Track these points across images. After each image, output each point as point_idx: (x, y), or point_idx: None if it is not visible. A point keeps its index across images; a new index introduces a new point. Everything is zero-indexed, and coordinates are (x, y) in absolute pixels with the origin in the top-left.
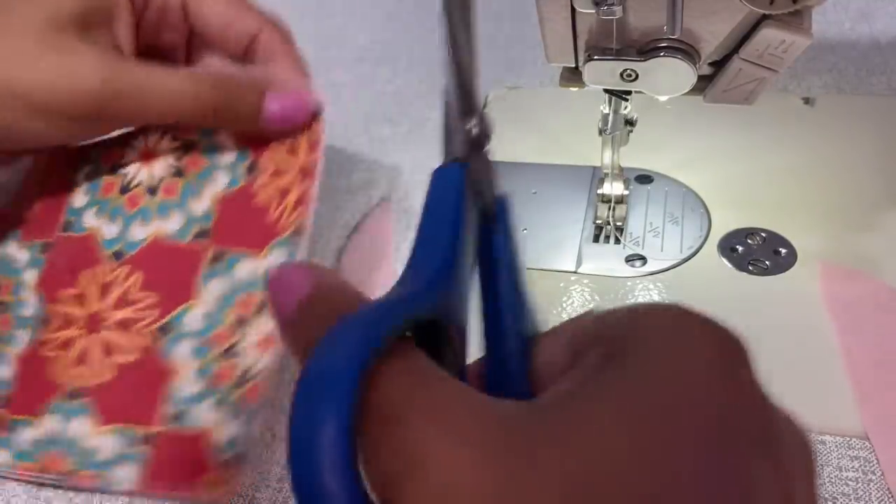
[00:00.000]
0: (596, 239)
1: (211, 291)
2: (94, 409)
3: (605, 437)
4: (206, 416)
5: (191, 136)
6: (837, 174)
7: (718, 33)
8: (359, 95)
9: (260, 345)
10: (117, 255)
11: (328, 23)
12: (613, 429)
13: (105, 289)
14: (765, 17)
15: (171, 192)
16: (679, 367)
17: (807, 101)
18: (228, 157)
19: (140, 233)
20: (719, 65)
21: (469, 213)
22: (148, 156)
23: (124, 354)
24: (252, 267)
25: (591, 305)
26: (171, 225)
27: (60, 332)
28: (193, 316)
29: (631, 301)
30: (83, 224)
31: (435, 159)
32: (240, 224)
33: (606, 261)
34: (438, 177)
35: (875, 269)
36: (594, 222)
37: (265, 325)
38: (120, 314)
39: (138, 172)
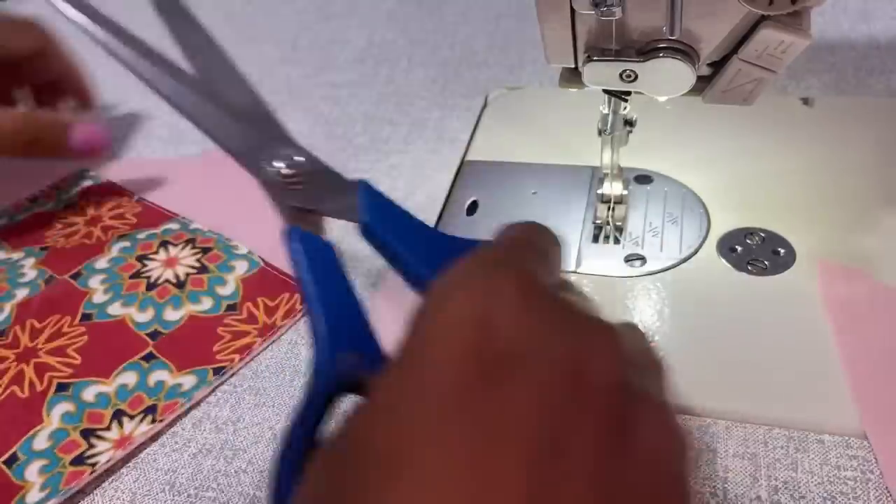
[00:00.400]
0: (595, 239)
1: (93, 283)
2: (89, 380)
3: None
4: (175, 314)
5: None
6: (836, 174)
7: (717, 34)
8: (359, 95)
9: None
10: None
11: (328, 23)
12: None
13: (11, 345)
14: (764, 17)
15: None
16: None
17: (806, 101)
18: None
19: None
20: (718, 65)
21: (331, 265)
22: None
23: (75, 344)
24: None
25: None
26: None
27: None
28: (97, 297)
29: (630, 301)
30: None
31: (435, 159)
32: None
33: (606, 260)
34: (291, 246)
35: (874, 268)
36: (594, 222)
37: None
38: (43, 337)
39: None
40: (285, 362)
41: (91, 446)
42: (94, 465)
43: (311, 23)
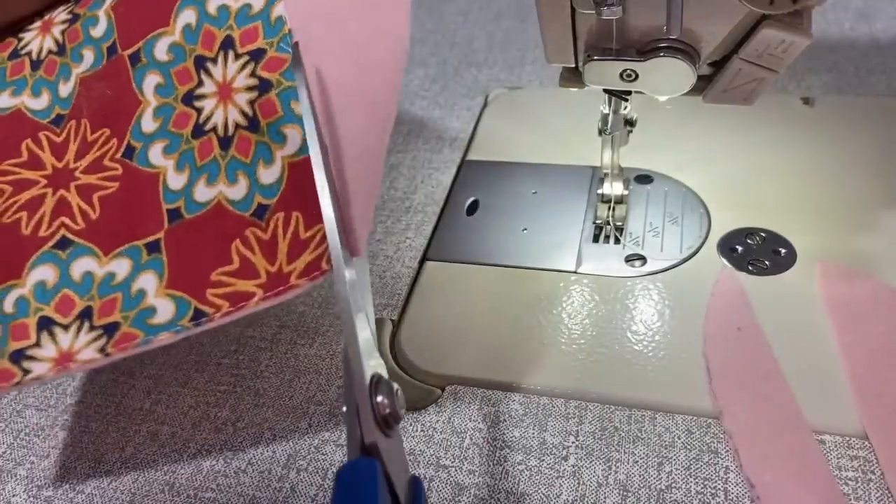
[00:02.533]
0: (596, 239)
1: (147, 88)
2: (91, 248)
3: None
4: (206, 193)
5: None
6: (837, 174)
7: (718, 33)
8: None
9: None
10: (57, 121)
11: None
12: None
13: (59, 148)
14: (764, 17)
15: (74, 38)
16: None
17: (806, 101)
18: None
19: (66, 88)
20: (719, 65)
21: None
22: (45, 26)
23: (103, 190)
24: (167, 41)
25: (591, 305)
26: (86, 63)
27: (19, 196)
28: (146, 120)
29: (631, 301)
30: (1, 106)
31: (435, 159)
32: (137, 15)
33: (606, 261)
34: (347, 477)
35: (874, 268)
36: (594, 222)
37: (213, 78)
38: (85, 161)
39: (43, 42)
40: (285, 362)
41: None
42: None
43: (312, 23)
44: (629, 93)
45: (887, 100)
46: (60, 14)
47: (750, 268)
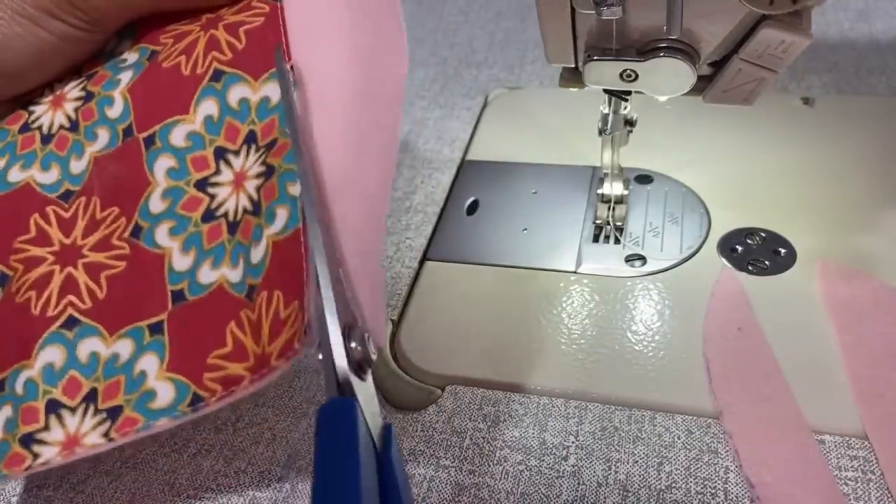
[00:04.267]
0: (596, 239)
1: (158, 170)
2: (97, 328)
3: None
4: (209, 275)
5: (93, 67)
6: (837, 174)
7: (718, 34)
8: None
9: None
10: (65, 196)
11: None
12: None
13: (67, 224)
14: (764, 17)
15: (89, 116)
16: None
17: (806, 101)
18: (130, 58)
19: (79, 166)
20: (719, 65)
21: (365, 454)
22: (56, 101)
23: (110, 269)
24: (185, 129)
25: (591, 305)
26: (101, 142)
27: (29, 274)
28: (154, 201)
29: (631, 301)
30: (8, 181)
31: (435, 159)
32: (155, 100)
33: (606, 261)
34: (328, 415)
35: (874, 268)
36: (594, 222)
37: (232, 168)
38: (93, 238)
39: (54, 117)
40: None
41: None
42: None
43: None
44: (629, 93)
45: (887, 99)
46: (73, 90)
47: (750, 268)
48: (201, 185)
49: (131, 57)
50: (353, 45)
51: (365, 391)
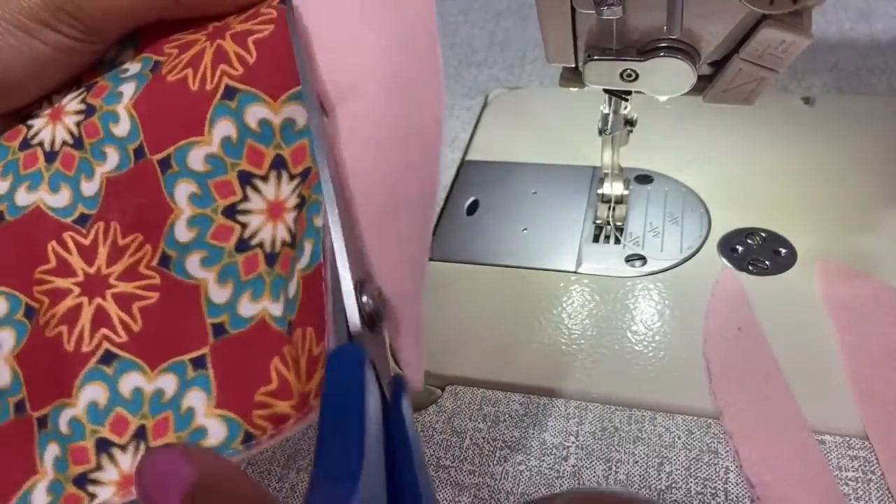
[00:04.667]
0: (596, 239)
1: (180, 196)
2: (137, 362)
3: None
4: (250, 308)
5: (92, 77)
6: (837, 174)
7: (718, 33)
8: None
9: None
10: (81, 220)
11: None
12: None
13: (88, 251)
14: (765, 17)
15: (94, 133)
16: None
17: (807, 100)
18: (132, 68)
19: (91, 187)
20: (719, 65)
21: (371, 401)
22: (55, 114)
23: (143, 300)
24: (203, 151)
25: (591, 305)
26: (111, 162)
27: (56, 308)
28: (180, 229)
29: (631, 301)
30: (17, 204)
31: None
32: (164, 118)
33: (606, 261)
34: (336, 361)
35: (875, 268)
36: (594, 222)
37: (262, 195)
38: (118, 267)
39: (55, 132)
40: None
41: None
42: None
43: None
44: (629, 93)
45: (888, 99)
46: (71, 102)
47: (750, 268)
48: (229, 212)
49: (133, 67)
50: (386, 73)
51: (377, 345)
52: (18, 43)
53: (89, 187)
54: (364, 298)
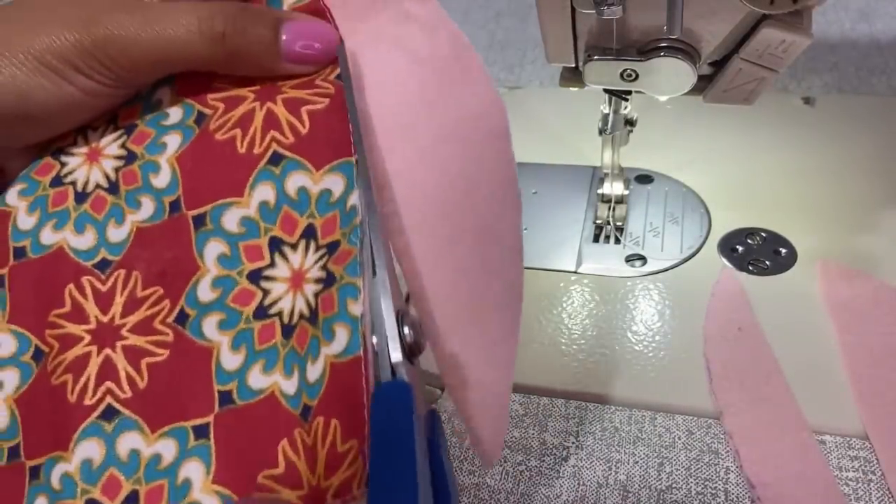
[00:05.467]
0: (596, 239)
1: (209, 255)
2: (137, 422)
3: None
4: (261, 380)
5: (130, 119)
6: (837, 174)
7: (718, 33)
8: None
9: (290, 281)
10: (102, 265)
11: None
12: None
13: (104, 299)
14: (765, 17)
15: (132, 180)
16: None
17: (807, 100)
18: (173, 115)
19: (119, 234)
20: (719, 65)
21: (419, 437)
22: (92, 155)
23: (152, 357)
24: (239, 213)
25: (591, 305)
26: (144, 212)
27: (65, 354)
28: (203, 288)
29: (631, 301)
30: (41, 243)
31: None
32: (206, 175)
33: (606, 261)
34: (382, 399)
35: (875, 268)
36: (594, 222)
37: (289, 263)
38: (133, 318)
39: (90, 173)
40: None
41: None
42: None
43: None
44: (629, 92)
45: (888, 99)
46: (111, 145)
47: (750, 268)
48: (254, 276)
49: (174, 114)
50: (444, 167)
51: (414, 377)
52: (47, 82)
53: (117, 233)
54: (405, 330)
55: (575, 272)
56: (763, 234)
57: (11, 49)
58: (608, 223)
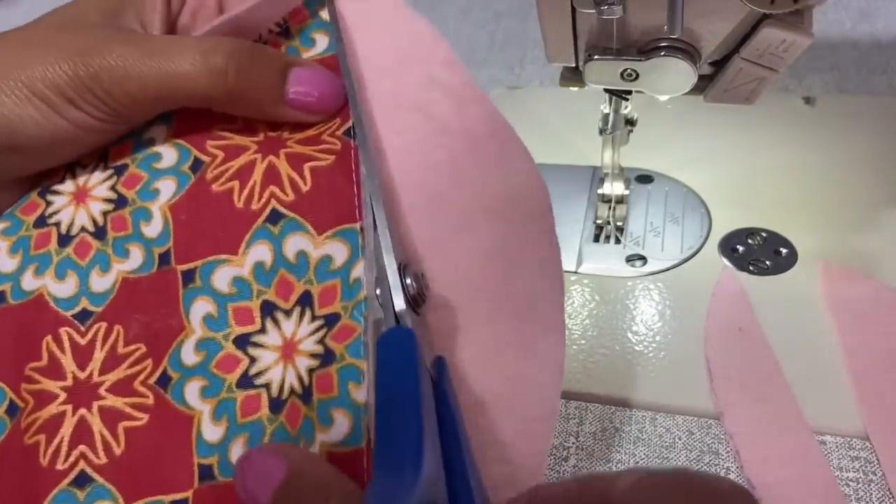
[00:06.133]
0: (596, 239)
1: (195, 314)
2: (111, 492)
3: None
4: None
5: (121, 158)
6: (838, 174)
7: (719, 33)
8: None
9: (280, 352)
10: (82, 316)
11: None
12: None
13: (83, 353)
14: (765, 16)
15: (121, 227)
16: None
17: (807, 100)
18: (167, 157)
19: (103, 283)
20: (720, 64)
21: (424, 381)
22: (80, 195)
23: (130, 420)
24: (231, 272)
25: (592, 305)
26: (132, 262)
27: (39, 413)
28: (187, 350)
29: (631, 301)
30: (23, 288)
31: None
32: (200, 228)
33: (607, 261)
34: (386, 344)
35: (875, 268)
36: (594, 222)
37: (280, 331)
38: (113, 376)
39: (76, 215)
40: None
41: None
42: None
43: None
44: (630, 92)
45: (889, 99)
46: (100, 186)
47: (751, 268)
48: (241, 342)
49: (168, 156)
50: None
51: (419, 327)
52: (38, 114)
53: (101, 282)
54: (408, 281)
55: (575, 272)
56: (764, 234)
57: (2, 77)
58: (608, 223)
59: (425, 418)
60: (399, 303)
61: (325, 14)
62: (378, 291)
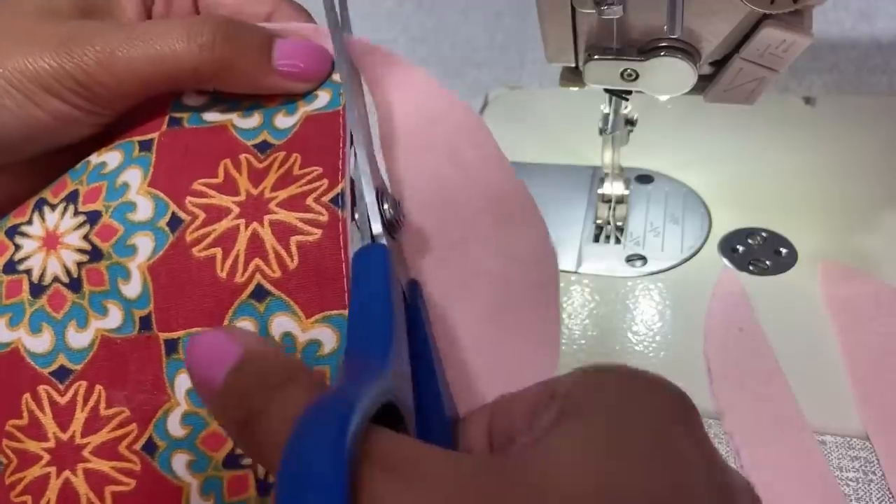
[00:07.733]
0: (596, 239)
1: (179, 387)
2: None
3: (564, 481)
4: None
5: (93, 203)
6: (838, 174)
7: (719, 33)
8: None
9: None
10: (61, 374)
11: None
12: (571, 474)
13: (63, 413)
14: (765, 16)
15: (98, 282)
16: (630, 420)
17: (807, 100)
18: (142, 211)
19: (81, 340)
20: (720, 64)
21: (395, 293)
22: (50, 240)
23: (117, 485)
24: None
25: (592, 305)
26: (112, 321)
27: (24, 473)
28: (174, 421)
29: (631, 301)
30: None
31: None
32: (181, 295)
33: (607, 261)
34: (361, 258)
35: (875, 268)
36: (594, 222)
37: None
38: (96, 439)
39: (47, 262)
40: None
41: None
42: None
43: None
44: (630, 92)
45: (889, 99)
46: (72, 234)
47: (751, 268)
48: None
49: (144, 208)
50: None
51: (395, 250)
52: (15, 106)
53: (78, 339)
54: (385, 206)
55: (575, 272)
56: (763, 234)
57: None
58: (608, 223)
59: (396, 324)
60: (376, 227)
61: (336, 77)
62: (356, 215)
